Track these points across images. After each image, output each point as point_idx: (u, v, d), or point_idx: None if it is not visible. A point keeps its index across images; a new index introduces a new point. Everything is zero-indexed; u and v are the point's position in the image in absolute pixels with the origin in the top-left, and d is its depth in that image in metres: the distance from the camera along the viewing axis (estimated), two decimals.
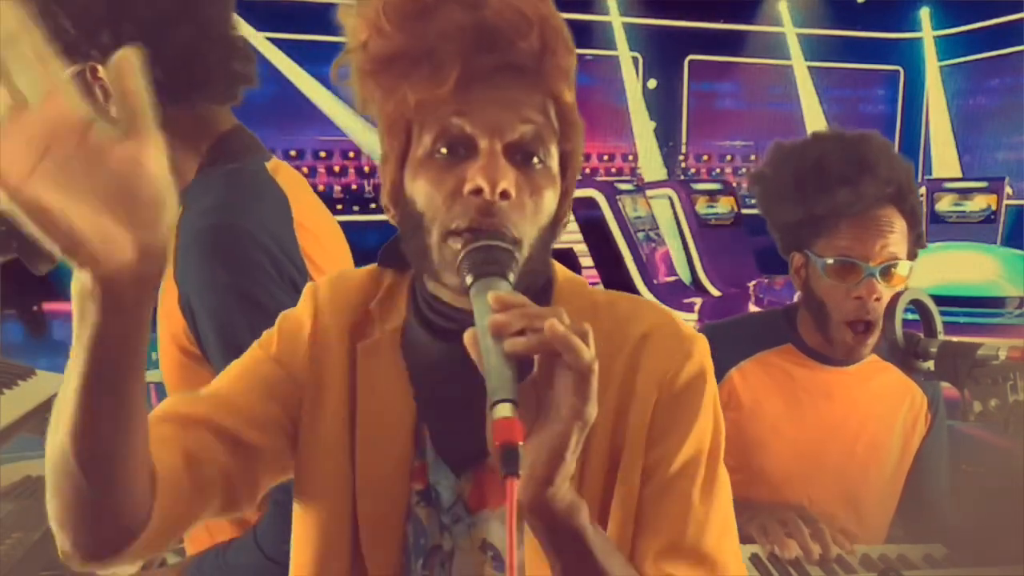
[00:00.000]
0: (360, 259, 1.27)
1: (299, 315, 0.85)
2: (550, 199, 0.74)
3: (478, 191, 0.69)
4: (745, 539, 1.40)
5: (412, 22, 0.70)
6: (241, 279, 1.02)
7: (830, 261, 1.40)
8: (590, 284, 0.89)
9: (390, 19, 0.70)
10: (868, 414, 1.49)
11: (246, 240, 1.03)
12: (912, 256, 1.43)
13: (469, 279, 0.67)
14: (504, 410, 0.59)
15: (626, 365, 0.77)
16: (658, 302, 0.85)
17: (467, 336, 0.63)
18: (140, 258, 0.55)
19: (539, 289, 0.80)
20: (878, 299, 1.37)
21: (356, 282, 0.86)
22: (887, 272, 1.38)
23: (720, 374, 1.52)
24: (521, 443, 0.58)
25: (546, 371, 0.62)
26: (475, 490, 0.79)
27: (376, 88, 0.73)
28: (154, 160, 0.58)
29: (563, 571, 0.68)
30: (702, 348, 0.80)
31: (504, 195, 0.69)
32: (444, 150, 0.71)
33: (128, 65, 0.56)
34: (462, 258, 0.69)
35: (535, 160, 0.72)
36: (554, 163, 0.74)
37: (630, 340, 0.78)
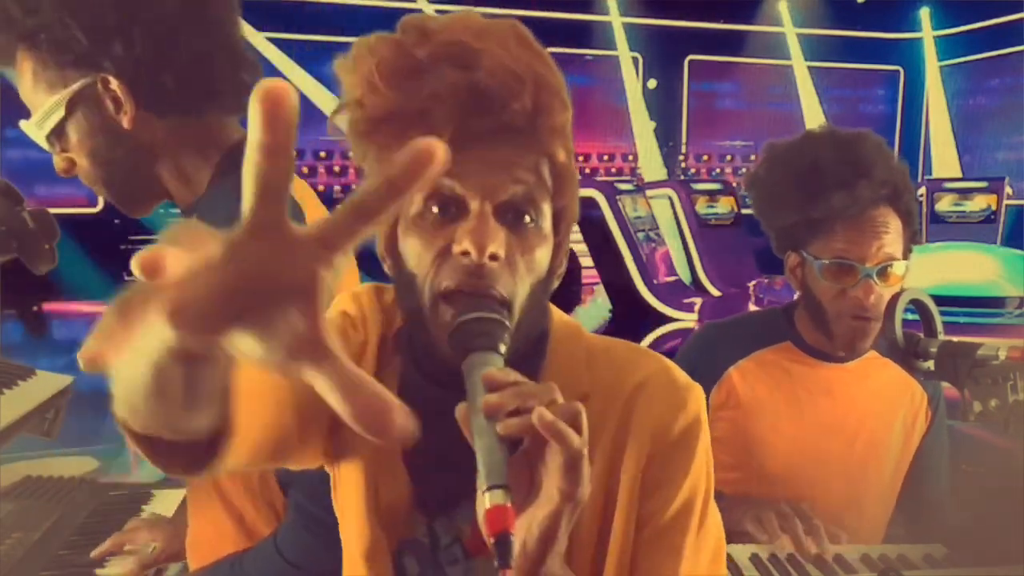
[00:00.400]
0: (360, 259, 1.27)
1: (351, 316, 0.84)
2: (542, 257, 0.74)
3: (466, 253, 0.69)
4: (743, 536, 1.40)
5: (405, 81, 0.70)
6: None
7: (826, 263, 1.40)
8: (591, 283, 0.88)
9: (384, 77, 0.70)
10: (867, 411, 1.49)
11: None
12: (907, 255, 1.43)
13: (462, 354, 0.67)
14: (497, 497, 0.58)
15: (620, 415, 0.77)
16: (653, 351, 0.83)
17: (459, 411, 0.63)
18: None
19: (534, 340, 0.79)
20: (876, 299, 1.37)
21: (389, 301, 0.86)
22: (883, 272, 1.38)
23: (719, 373, 1.52)
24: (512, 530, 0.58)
25: (537, 448, 0.62)
26: (475, 534, 0.76)
27: (370, 145, 0.73)
28: None
29: None
30: (697, 397, 0.79)
31: (493, 257, 0.69)
32: (435, 209, 0.71)
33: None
34: (453, 330, 0.68)
35: (527, 219, 0.72)
36: (546, 222, 0.74)
37: (625, 389, 0.77)
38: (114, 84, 1.06)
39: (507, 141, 0.71)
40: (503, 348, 0.68)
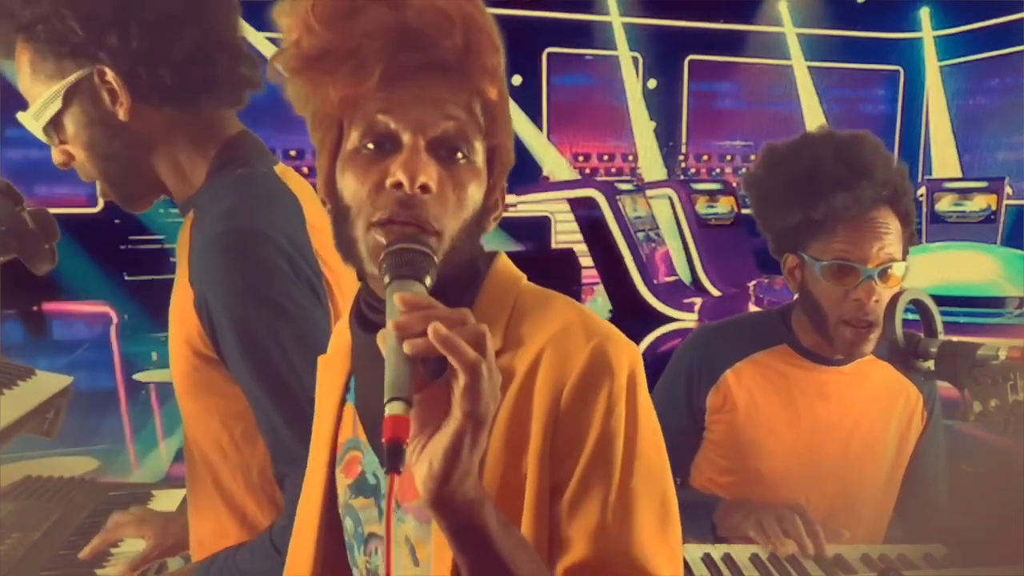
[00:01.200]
0: None
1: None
2: (474, 193, 0.76)
3: (399, 185, 0.72)
4: (742, 538, 1.40)
5: (339, 21, 0.72)
6: (259, 281, 1.02)
7: (827, 264, 1.40)
8: (591, 283, 0.88)
9: (319, 18, 0.72)
10: (863, 413, 1.49)
11: (263, 243, 1.03)
12: (905, 255, 1.43)
13: (387, 279, 0.70)
14: (394, 408, 0.60)
15: (525, 374, 0.75)
16: (582, 306, 0.81)
17: (379, 335, 0.64)
18: None
19: (464, 282, 0.80)
20: (877, 301, 1.37)
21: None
22: (884, 274, 1.38)
23: (716, 376, 1.52)
24: (408, 441, 0.60)
25: (451, 372, 0.63)
26: (404, 480, 0.76)
27: (305, 85, 0.76)
28: None
29: (468, 566, 0.68)
30: (615, 346, 0.75)
31: (424, 189, 0.72)
32: (370, 145, 0.74)
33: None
34: (383, 258, 0.71)
35: (459, 155, 0.75)
36: (479, 158, 0.77)
37: (528, 353, 0.76)
38: (110, 76, 1.06)
39: (438, 78, 0.73)
40: (428, 280, 0.70)
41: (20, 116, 1.12)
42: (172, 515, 1.34)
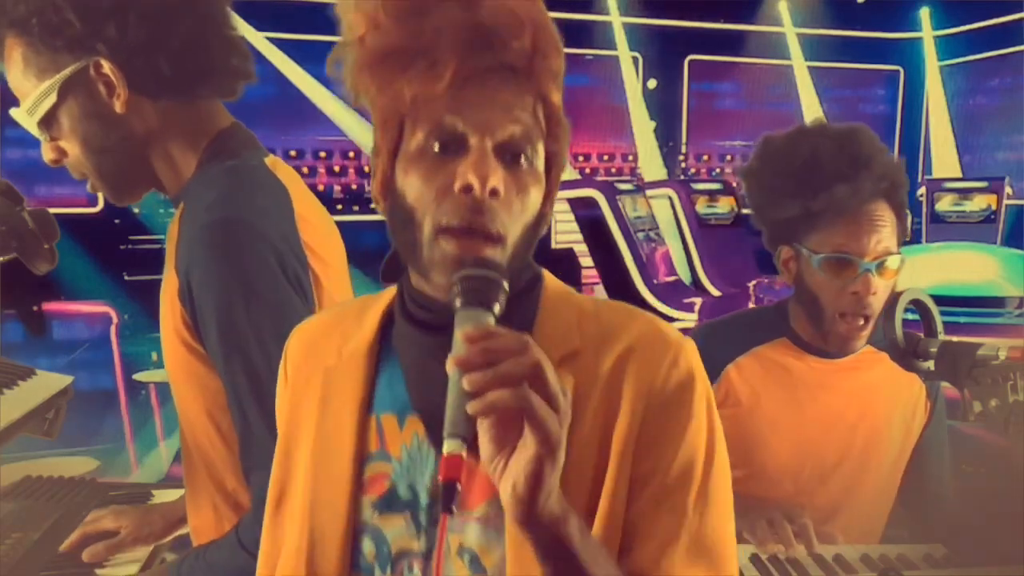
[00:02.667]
0: (360, 258, 1.27)
1: (279, 374, 0.90)
2: (535, 197, 0.76)
3: (468, 188, 0.71)
4: (739, 539, 1.41)
5: (410, 18, 0.71)
6: (243, 271, 1.02)
7: (825, 257, 1.40)
8: (591, 283, 0.89)
9: (389, 14, 0.71)
10: (865, 404, 1.49)
11: (249, 234, 1.03)
12: (899, 247, 1.43)
13: (456, 303, 0.69)
14: (452, 445, 0.62)
15: (611, 375, 0.77)
16: (642, 309, 0.84)
17: (448, 364, 0.65)
18: None
19: (522, 289, 0.81)
20: (874, 293, 1.37)
21: (321, 319, 0.91)
22: (881, 266, 1.38)
23: (717, 372, 1.52)
24: (485, 462, 0.63)
25: None
26: (466, 486, 0.77)
27: (371, 82, 0.74)
28: None
29: (552, 574, 0.70)
30: (689, 352, 0.80)
31: (494, 193, 0.71)
32: (436, 146, 0.73)
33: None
34: (453, 282, 0.70)
35: (523, 159, 0.74)
36: (540, 163, 0.76)
37: (615, 348, 0.78)
38: (107, 67, 1.06)
39: (506, 80, 0.73)
40: (496, 308, 0.69)
41: (13, 112, 1.11)
42: (151, 507, 1.36)
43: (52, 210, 1.27)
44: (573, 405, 0.68)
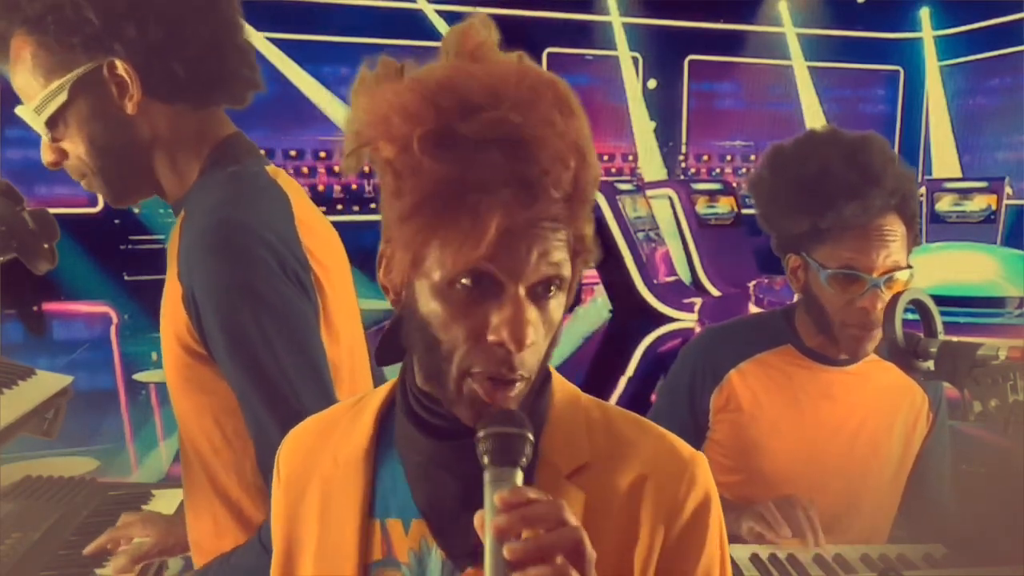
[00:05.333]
0: (360, 258, 1.27)
1: (274, 484, 0.88)
2: (559, 316, 0.74)
3: (502, 343, 0.69)
4: (739, 537, 1.40)
5: (449, 159, 0.66)
6: (245, 274, 1.02)
7: (833, 273, 1.38)
8: (591, 283, 0.87)
9: (426, 151, 0.67)
10: (867, 414, 1.49)
11: (249, 236, 1.03)
12: (908, 256, 1.42)
13: (484, 460, 0.69)
14: None
15: (627, 499, 0.77)
16: (650, 422, 0.83)
17: (476, 519, 0.65)
18: None
19: (533, 398, 0.78)
20: (881, 308, 1.36)
21: (313, 425, 0.87)
22: (889, 281, 1.37)
23: (720, 376, 1.52)
24: None
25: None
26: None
27: (408, 228, 0.69)
28: None
29: None
30: (703, 469, 0.80)
31: (527, 347, 0.69)
32: (466, 281, 0.69)
33: None
34: (481, 438, 0.69)
35: (551, 290, 0.71)
36: (567, 282, 0.73)
37: (630, 471, 0.77)
38: (122, 68, 1.06)
39: (545, 223, 0.69)
40: (524, 461, 0.69)
41: (19, 110, 1.10)
42: (176, 517, 1.35)
43: (52, 210, 1.27)
44: (586, 523, 0.68)
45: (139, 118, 1.09)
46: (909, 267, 1.39)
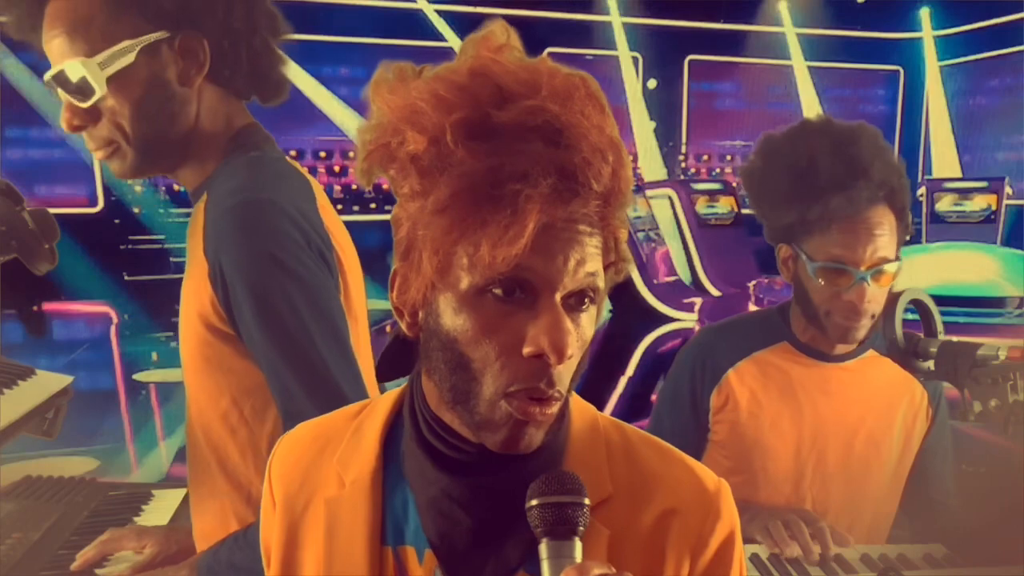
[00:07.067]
0: (360, 258, 1.27)
1: (265, 494, 0.83)
2: (592, 330, 0.70)
3: (540, 355, 0.64)
4: (747, 540, 1.41)
5: (486, 149, 0.62)
6: (272, 247, 1.04)
7: (820, 266, 1.39)
8: None
9: (460, 143, 0.63)
10: (867, 409, 1.49)
11: (275, 211, 1.05)
12: (899, 249, 1.41)
13: (540, 534, 0.65)
14: None
15: (652, 534, 0.73)
16: (672, 447, 0.79)
17: None
18: None
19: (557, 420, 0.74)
20: (869, 301, 1.36)
21: (308, 437, 0.82)
22: (877, 274, 1.37)
23: (718, 376, 1.52)
24: None
25: None
26: None
27: (433, 226, 0.65)
28: None
29: None
30: (727, 502, 0.76)
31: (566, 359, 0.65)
32: (499, 291, 0.64)
33: None
34: (533, 508, 0.65)
35: (586, 301, 0.67)
36: (600, 295, 0.69)
37: (655, 506, 0.74)
38: (200, 45, 1.10)
39: (582, 225, 0.65)
40: (581, 529, 0.65)
41: (71, 65, 1.07)
42: (174, 525, 1.35)
43: (52, 210, 1.28)
44: (610, 559, 0.67)
45: (192, 95, 1.13)
46: (898, 259, 1.39)
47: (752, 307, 7.73)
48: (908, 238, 1.45)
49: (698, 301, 8.43)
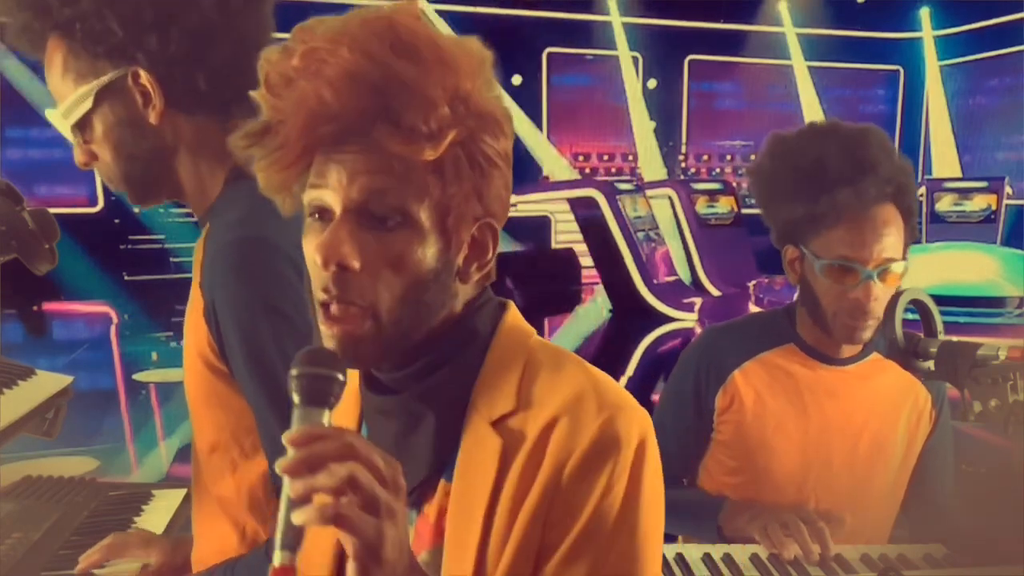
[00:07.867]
0: None
1: None
2: (417, 255, 0.73)
3: (325, 264, 0.71)
4: (747, 539, 1.40)
5: (279, 92, 0.73)
6: (265, 290, 1.03)
7: (827, 263, 1.39)
8: (591, 283, 0.86)
9: (268, 87, 0.75)
10: (871, 412, 1.49)
11: (272, 252, 1.04)
12: (906, 250, 1.41)
13: (295, 401, 0.68)
14: (282, 558, 0.63)
15: (535, 445, 0.73)
16: (591, 367, 0.79)
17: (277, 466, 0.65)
18: None
19: (464, 340, 0.78)
20: (876, 299, 1.37)
21: None
22: (884, 273, 1.37)
23: (724, 377, 1.52)
24: None
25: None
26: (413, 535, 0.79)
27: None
28: None
29: None
30: (624, 418, 0.74)
31: (343, 267, 0.71)
32: (316, 215, 0.74)
33: None
34: (292, 375, 0.69)
35: (388, 222, 0.72)
36: (423, 217, 0.72)
37: (543, 416, 0.74)
38: (145, 78, 1.07)
39: (359, 144, 0.71)
40: (332, 401, 0.68)
41: (49, 113, 1.12)
42: (181, 536, 1.34)
43: (52, 210, 1.27)
44: (502, 469, 0.71)
45: (163, 127, 1.10)
46: (905, 260, 1.39)
47: (752, 307, 7.73)
48: (914, 241, 1.45)
49: (698, 301, 8.44)
